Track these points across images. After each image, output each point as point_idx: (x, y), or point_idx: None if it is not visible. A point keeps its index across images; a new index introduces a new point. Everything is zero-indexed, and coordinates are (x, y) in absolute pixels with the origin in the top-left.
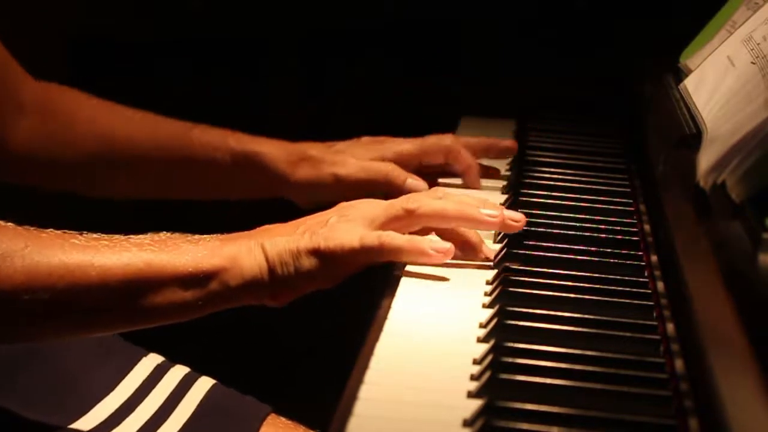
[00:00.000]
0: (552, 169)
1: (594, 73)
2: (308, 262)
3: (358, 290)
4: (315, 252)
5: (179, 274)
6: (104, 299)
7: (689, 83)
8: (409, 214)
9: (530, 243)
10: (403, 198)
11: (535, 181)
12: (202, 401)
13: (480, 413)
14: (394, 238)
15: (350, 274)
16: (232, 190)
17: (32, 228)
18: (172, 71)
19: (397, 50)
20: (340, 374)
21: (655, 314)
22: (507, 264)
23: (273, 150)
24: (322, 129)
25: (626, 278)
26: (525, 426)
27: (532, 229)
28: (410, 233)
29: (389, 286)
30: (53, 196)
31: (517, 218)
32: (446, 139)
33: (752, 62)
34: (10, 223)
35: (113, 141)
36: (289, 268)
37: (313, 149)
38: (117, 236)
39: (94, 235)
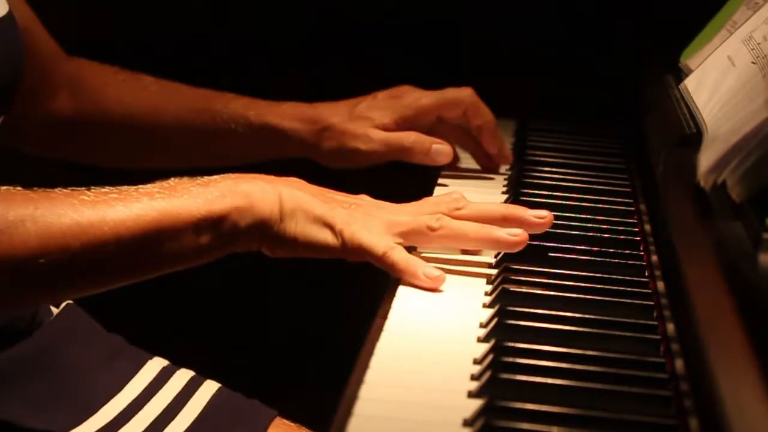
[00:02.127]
0: (552, 169)
1: (594, 73)
2: (317, 232)
3: (358, 290)
4: (329, 226)
5: (193, 219)
6: (120, 253)
7: (689, 83)
8: (432, 231)
9: (530, 243)
10: (429, 215)
11: (535, 181)
12: (207, 404)
13: (480, 413)
14: (397, 254)
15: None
16: (258, 156)
17: (40, 189)
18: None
19: (397, 50)
20: (344, 375)
21: (655, 314)
22: (507, 264)
23: (294, 124)
24: None
25: (626, 278)
26: (525, 426)
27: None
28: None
29: (389, 286)
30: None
31: (542, 216)
32: (465, 92)
33: (752, 62)
34: (18, 188)
35: (139, 116)
36: (298, 226)
37: (334, 116)
38: (125, 187)
39: (103, 189)
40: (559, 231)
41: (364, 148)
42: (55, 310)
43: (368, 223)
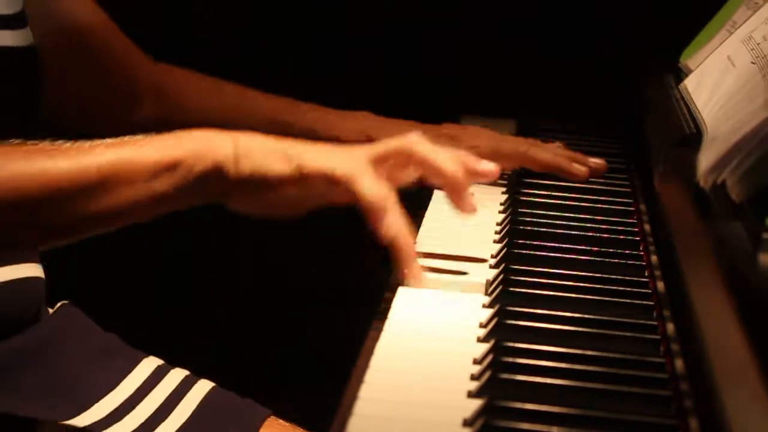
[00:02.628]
0: None
1: (594, 73)
2: (273, 164)
3: (359, 290)
4: (286, 158)
5: (148, 162)
6: (72, 197)
7: (689, 83)
8: (405, 151)
9: (530, 243)
10: (404, 138)
11: (535, 181)
12: (201, 403)
13: (480, 413)
14: (364, 180)
15: (308, 203)
16: None
17: (16, 141)
18: None
19: (397, 50)
20: (341, 375)
21: (655, 314)
22: (507, 264)
23: (357, 139)
24: None
25: (626, 278)
26: (525, 426)
27: (533, 228)
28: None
29: (389, 286)
30: None
31: (489, 171)
32: (523, 145)
33: (752, 62)
34: None
35: (216, 125)
36: (254, 163)
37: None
38: (80, 141)
39: (58, 142)
40: (559, 231)
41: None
42: (49, 310)
43: (332, 151)
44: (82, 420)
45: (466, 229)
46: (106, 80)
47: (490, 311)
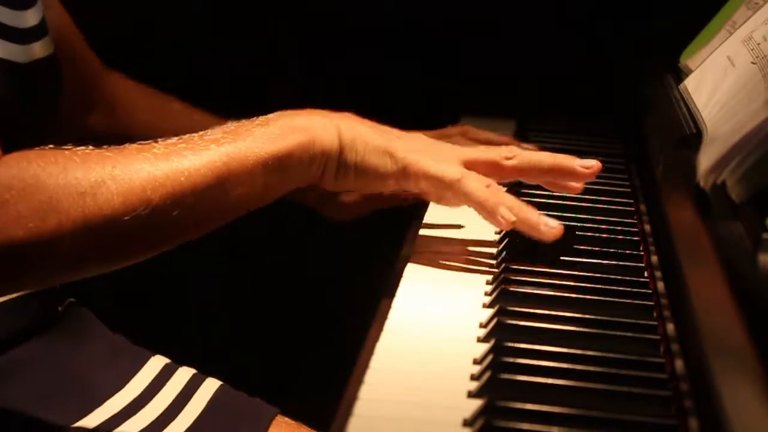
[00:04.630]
0: None
1: (594, 73)
2: (377, 159)
3: (359, 290)
4: (389, 154)
5: (260, 159)
6: (197, 201)
7: (689, 83)
8: (507, 160)
9: (530, 243)
10: (504, 148)
11: None
12: (209, 402)
13: (480, 413)
14: (471, 181)
15: (398, 200)
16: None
17: (112, 147)
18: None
19: (397, 50)
20: (344, 375)
21: (655, 314)
22: (507, 264)
23: None
24: None
25: (626, 278)
26: (525, 426)
27: None
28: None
29: (390, 286)
30: None
31: (589, 165)
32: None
33: (752, 62)
34: (90, 147)
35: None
36: (357, 156)
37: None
38: (189, 136)
39: (171, 140)
40: None
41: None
42: (60, 309)
43: (432, 151)
44: (92, 420)
45: (466, 229)
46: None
47: (490, 311)
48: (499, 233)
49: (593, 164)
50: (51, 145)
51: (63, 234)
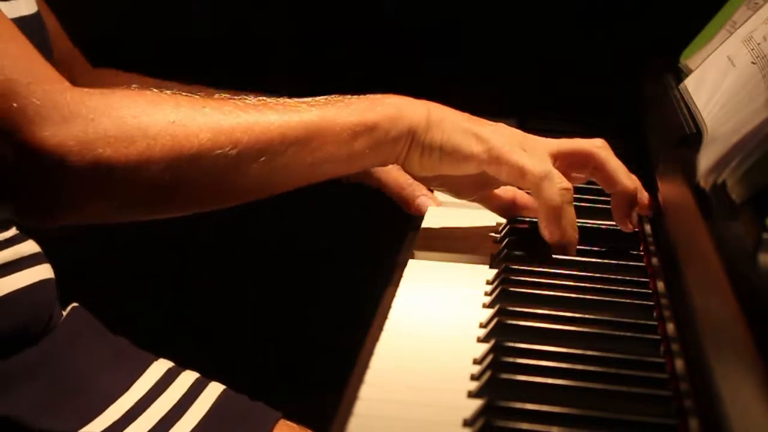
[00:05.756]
0: None
1: (594, 73)
2: (464, 140)
3: (359, 290)
4: (476, 137)
5: (349, 123)
6: (284, 150)
7: (689, 83)
8: (595, 152)
9: (530, 243)
10: (595, 140)
11: None
12: (212, 406)
13: (480, 413)
14: (555, 185)
15: (479, 189)
16: None
17: (202, 94)
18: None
19: (397, 50)
20: (345, 375)
21: (655, 314)
22: (507, 264)
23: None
24: None
25: (626, 278)
26: (525, 426)
27: (533, 228)
28: None
29: (390, 286)
30: None
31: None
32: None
33: (752, 62)
34: (182, 92)
35: None
36: (444, 134)
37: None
38: (286, 99)
39: (267, 99)
40: None
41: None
42: (63, 313)
43: (521, 141)
44: (94, 428)
45: (465, 229)
46: None
47: (490, 311)
48: (499, 233)
49: (647, 201)
50: (135, 85)
51: (151, 159)
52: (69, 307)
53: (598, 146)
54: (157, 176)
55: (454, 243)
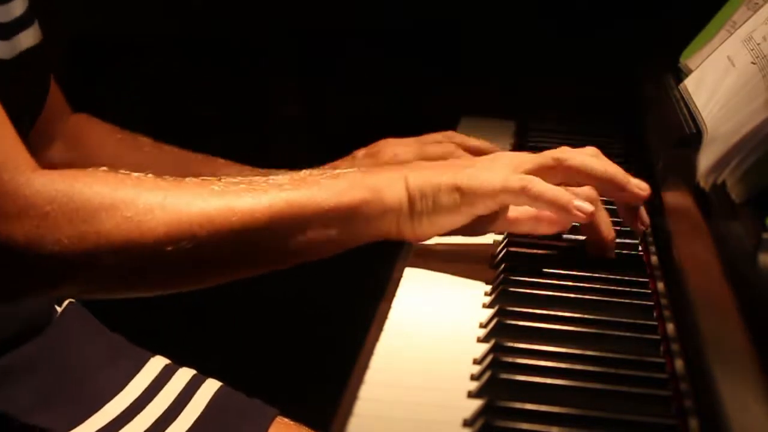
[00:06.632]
0: None
1: (594, 73)
2: (447, 198)
3: (359, 290)
4: (456, 188)
5: (321, 210)
6: (246, 243)
7: (689, 83)
8: (558, 163)
9: (530, 243)
10: (554, 150)
11: None
12: (209, 403)
13: (480, 413)
14: (537, 183)
15: (489, 222)
16: None
17: (171, 178)
18: (173, 71)
19: (397, 50)
20: (344, 375)
21: (655, 314)
22: (507, 264)
23: None
24: (322, 129)
25: (626, 278)
26: (525, 426)
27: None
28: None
29: (390, 286)
30: None
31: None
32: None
33: (752, 62)
34: (149, 174)
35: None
36: (428, 202)
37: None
38: (256, 178)
39: (233, 180)
40: (558, 231)
41: None
42: (58, 309)
43: (493, 169)
44: (90, 425)
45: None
46: None
47: (490, 311)
48: (500, 232)
49: (647, 187)
50: (104, 168)
51: (101, 254)
52: (65, 304)
53: (556, 158)
54: (113, 268)
55: (453, 249)
